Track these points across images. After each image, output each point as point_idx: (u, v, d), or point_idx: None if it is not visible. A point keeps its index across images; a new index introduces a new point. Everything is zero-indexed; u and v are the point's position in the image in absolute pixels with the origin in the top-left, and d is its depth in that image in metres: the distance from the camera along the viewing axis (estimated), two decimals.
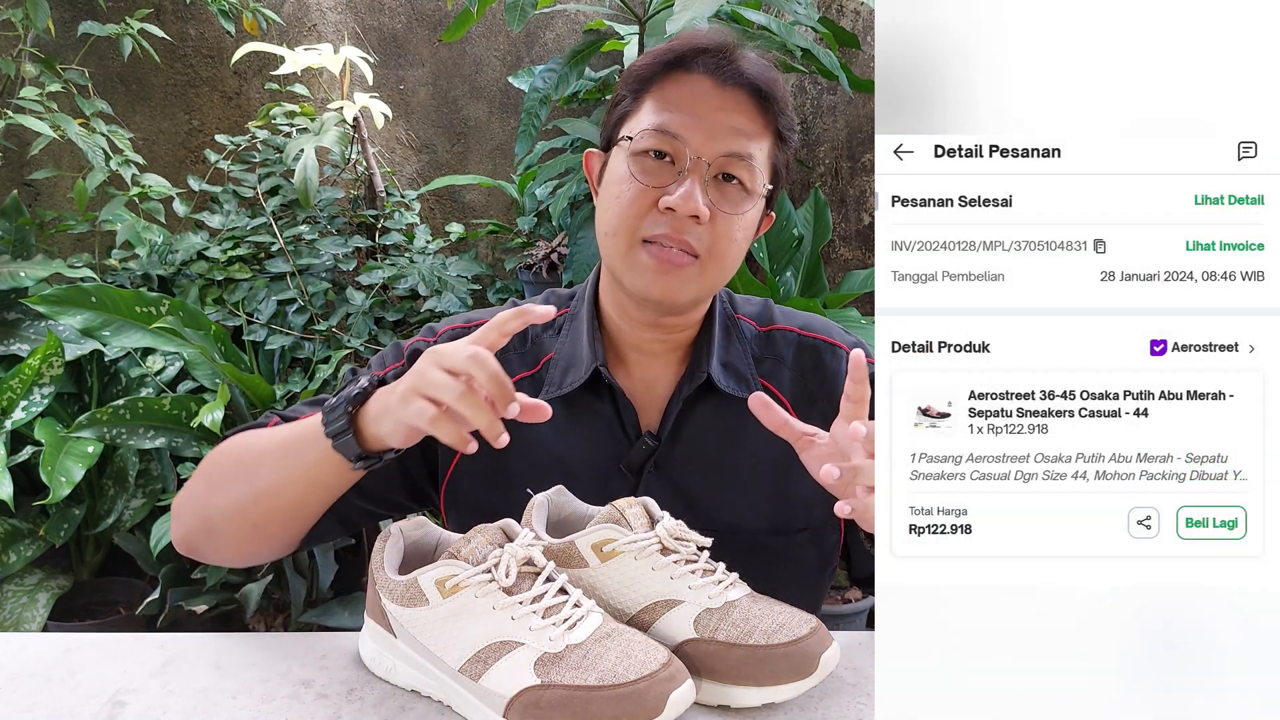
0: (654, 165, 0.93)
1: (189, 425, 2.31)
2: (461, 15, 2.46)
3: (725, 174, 0.93)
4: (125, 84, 2.91)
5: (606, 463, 0.99)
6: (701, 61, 0.93)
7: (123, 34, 2.54)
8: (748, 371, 1.02)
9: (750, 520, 0.99)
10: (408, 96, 2.96)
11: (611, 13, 2.56)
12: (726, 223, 0.93)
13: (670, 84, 0.94)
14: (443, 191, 2.99)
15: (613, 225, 0.95)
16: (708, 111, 0.92)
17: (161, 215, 2.61)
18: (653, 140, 0.92)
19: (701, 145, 0.91)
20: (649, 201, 0.92)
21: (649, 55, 0.97)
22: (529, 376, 1.02)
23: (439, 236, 2.82)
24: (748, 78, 0.93)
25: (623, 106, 0.97)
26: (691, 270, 0.94)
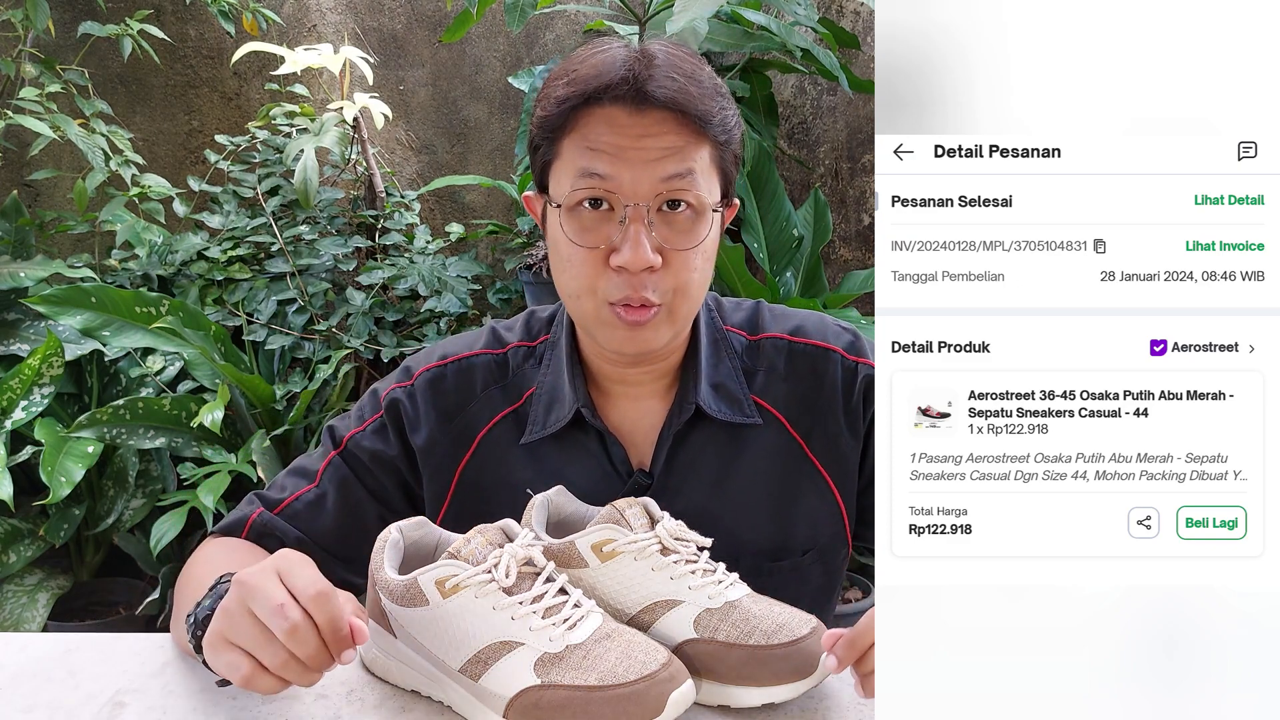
0: (590, 219, 0.87)
1: (189, 425, 2.31)
2: (461, 16, 2.46)
3: (670, 201, 0.86)
4: (125, 84, 2.91)
5: (598, 500, 0.94)
6: (608, 94, 0.85)
7: (123, 34, 2.54)
8: (739, 391, 0.97)
9: (752, 545, 0.96)
10: (408, 97, 2.96)
11: (611, 13, 2.56)
12: (683, 258, 0.87)
13: (583, 124, 0.86)
14: (443, 192, 2.99)
15: (573, 289, 0.90)
16: (629, 143, 0.85)
17: (161, 215, 2.61)
18: (582, 193, 0.86)
19: (633, 185, 0.85)
20: (599, 260, 0.87)
21: (551, 101, 0.88)
22: (512, 412, 0.98)
23: (439, 237, 2.82)
24: (660, 99, 0.85)
25: (542, 154, 0.91)
26: (660, 317, 0.89)
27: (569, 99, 0.87)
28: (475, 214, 3.02)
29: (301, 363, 2.60)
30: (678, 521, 0.82)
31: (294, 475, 1.00)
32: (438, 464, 0.98)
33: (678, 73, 0.86)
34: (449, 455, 0.98)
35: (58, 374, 2.34)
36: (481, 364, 1.00)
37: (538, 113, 0.91)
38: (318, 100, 2.92)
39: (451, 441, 0.98)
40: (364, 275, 2.57)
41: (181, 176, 2.86)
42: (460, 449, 0.98)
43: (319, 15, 2.91)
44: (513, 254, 2.78)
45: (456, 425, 0.98)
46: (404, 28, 2.93)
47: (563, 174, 0.89)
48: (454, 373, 0.99)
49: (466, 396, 0.99)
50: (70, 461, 2.19)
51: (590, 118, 0.87)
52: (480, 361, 1.00)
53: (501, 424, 0.98)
